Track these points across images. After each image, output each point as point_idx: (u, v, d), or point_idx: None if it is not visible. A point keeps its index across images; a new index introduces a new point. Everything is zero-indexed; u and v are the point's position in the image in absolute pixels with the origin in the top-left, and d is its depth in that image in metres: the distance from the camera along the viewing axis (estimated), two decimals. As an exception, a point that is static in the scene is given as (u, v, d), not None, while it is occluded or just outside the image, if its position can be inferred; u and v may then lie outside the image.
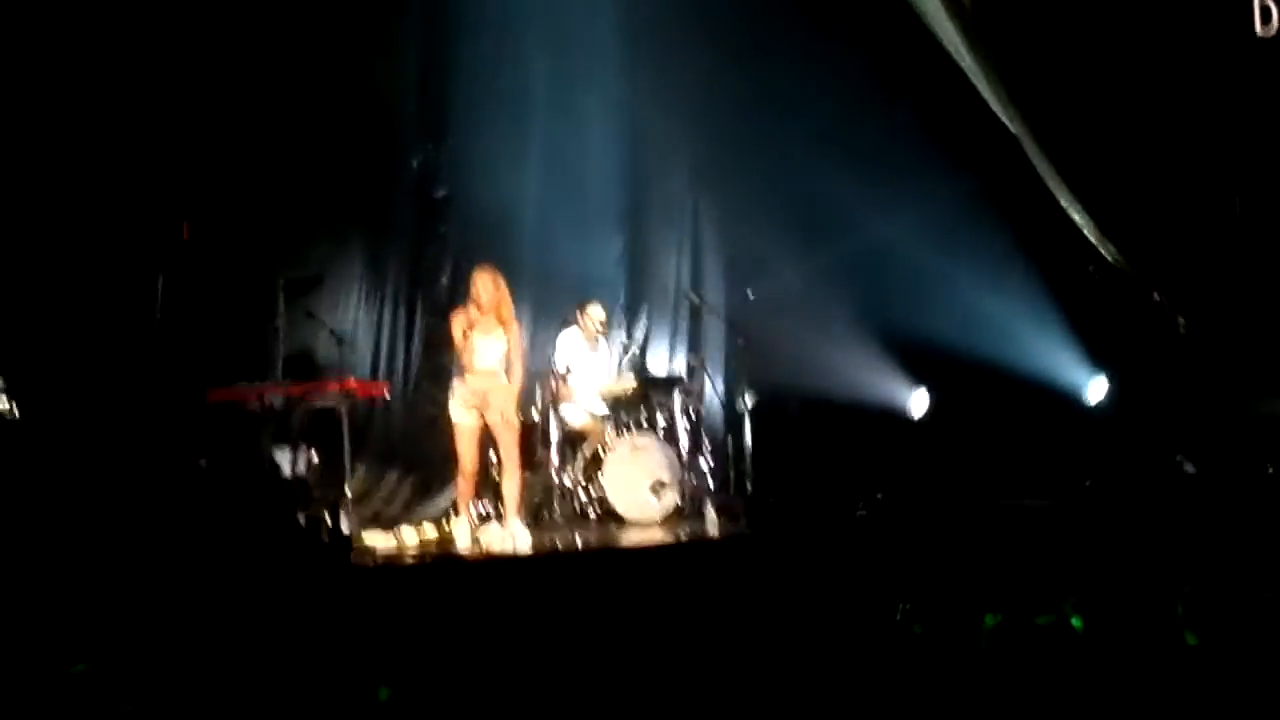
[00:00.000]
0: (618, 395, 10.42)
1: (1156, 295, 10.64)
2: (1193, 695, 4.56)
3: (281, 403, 8.90)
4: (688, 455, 10.26)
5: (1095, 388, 11.72)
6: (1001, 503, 9.67)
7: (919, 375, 11.85)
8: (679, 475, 10.05)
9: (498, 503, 9.15)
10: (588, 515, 9.98)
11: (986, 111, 10.46)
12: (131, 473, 8.43)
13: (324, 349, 9.85)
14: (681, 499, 10.07)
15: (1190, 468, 9.97)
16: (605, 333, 10.69)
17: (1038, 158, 10.31)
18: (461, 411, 8.74)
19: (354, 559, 7.86)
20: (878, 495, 9.76)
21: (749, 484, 10.35)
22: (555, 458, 10.01)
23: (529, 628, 6.09)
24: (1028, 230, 11.26)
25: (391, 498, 10.20)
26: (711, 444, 10.50)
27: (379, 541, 8.83)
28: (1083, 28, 10.01)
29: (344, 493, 8.72)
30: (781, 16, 10.93)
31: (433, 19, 10.52)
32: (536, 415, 10.00)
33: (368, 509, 9.75)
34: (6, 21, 8.49)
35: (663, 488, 9.94)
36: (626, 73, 11.09)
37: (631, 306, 11.80)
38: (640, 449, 10.01)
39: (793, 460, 10.81)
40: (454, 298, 9.91)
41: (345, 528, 8.27)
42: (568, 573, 7.84)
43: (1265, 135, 9.98)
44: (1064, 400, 11.52)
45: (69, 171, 8.66)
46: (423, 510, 10.08)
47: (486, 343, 8.72)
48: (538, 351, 10.56)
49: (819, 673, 4.92)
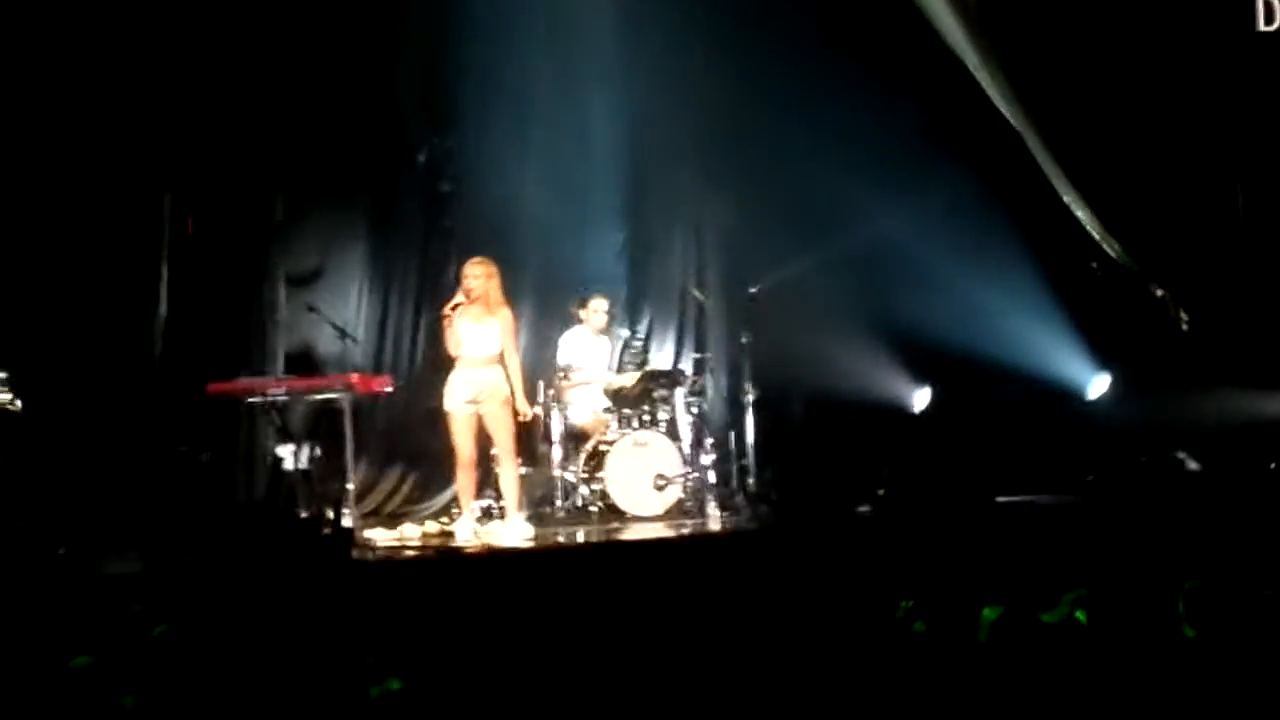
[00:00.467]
0: (620, 391, 10.42)
1: (1159, 291, 10.66)
2: (1193, 693, 4.56)
3: (284, 397, 8.90)
4: (690, 450, 10.27)
5: (1098, 384, 11.71)
6: (1003, 499, 9.68)
7: (922, 371, 11.84)
8: (681, 471, 10.06)
9: (500, 498, 9.15)
10: (590, 511, 9.99)
11: (990, 107, 10.47)
12: (134, 466, 8.46)
13: (326, 343, 9.85)
14: (684, 494, 10.08)
15: (1192, 464, 9.97)
16: (610, 325, 10.67)
17: (1041, 154, 10.33)
18: (455, 401, 8.71)
19: (355, 554, 7.85)
20: (879, 493, 9.75)
21: (751, 479, 10.37)
22: (558, 453, 10.02)
23: (531, 622, 6.09)
24: (1031, 226, 11.25)
25: (394, 493, 10.21)
26: (714, 439, 10.49)
27: (381, 536, 8.84)
28: (1086, 24, 10.02)
29: (346, 488, 8.72)
30: (785, 12, 10.92)
31: (438, 15, 10.52)
32: (540, 410, 10.01)
33: (370, 504, 9.76)
34: (12, 14, 8.49)
35: (665, 483, 9.96)
36: (630, 68, 11.07)
37: (634, 302, 11.77)
38: (643, 444, 10.02)
39: (795, 456, 10.81)
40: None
41: (347, 522, 8.26)
42: (569, 568, 7.82)
43: (1268, 132, 9.99)
44: (1066, 396, 11.51)
45: (73, 166, 8.65)
46: (425, 506, 10.10)
47: (478, 331, 8.68)
48: (540, 346, 10.57)
49: (822, 668, 4.92)
